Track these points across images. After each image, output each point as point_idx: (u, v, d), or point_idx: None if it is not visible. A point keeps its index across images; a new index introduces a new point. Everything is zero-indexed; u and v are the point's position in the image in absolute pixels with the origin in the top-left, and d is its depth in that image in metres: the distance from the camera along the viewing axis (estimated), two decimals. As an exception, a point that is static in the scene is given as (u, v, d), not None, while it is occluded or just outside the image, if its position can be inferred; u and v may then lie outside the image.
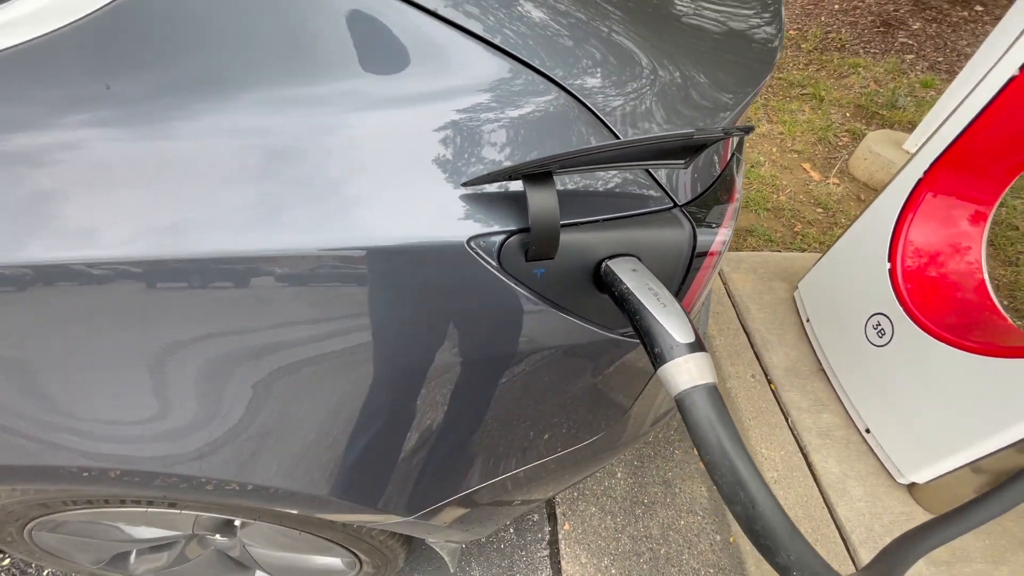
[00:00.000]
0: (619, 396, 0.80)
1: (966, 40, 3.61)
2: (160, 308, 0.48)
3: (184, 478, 0.58)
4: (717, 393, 0.45)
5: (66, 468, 0.57)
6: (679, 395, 0.45)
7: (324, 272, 0.49)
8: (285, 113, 0.47)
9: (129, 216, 0.45)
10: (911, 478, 1.43)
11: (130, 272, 0.45)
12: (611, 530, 1.46)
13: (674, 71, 0.62)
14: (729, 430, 0.43)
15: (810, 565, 0.43)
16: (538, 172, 0.47)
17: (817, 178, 2.65)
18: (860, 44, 3.62)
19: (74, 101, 0.44)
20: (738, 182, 0.70)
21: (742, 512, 0.42)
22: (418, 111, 0.50)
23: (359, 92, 0.49)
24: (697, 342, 0.46)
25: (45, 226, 0.44)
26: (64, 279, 0.45)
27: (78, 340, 0.48)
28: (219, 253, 0.46)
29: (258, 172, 0.47)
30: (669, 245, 0.59)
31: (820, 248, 2.27)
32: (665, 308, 0.48)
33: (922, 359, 1.39)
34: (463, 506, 0.78)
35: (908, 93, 3.14)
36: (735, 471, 0.42)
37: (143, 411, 0.54)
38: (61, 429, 0.54)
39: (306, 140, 0.47)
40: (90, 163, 0.44)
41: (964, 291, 1.47)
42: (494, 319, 0.56)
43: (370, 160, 0.49)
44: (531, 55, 0.52)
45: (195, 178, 0.46)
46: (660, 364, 0.46)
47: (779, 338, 1.83)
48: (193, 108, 0.46)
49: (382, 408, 0.59)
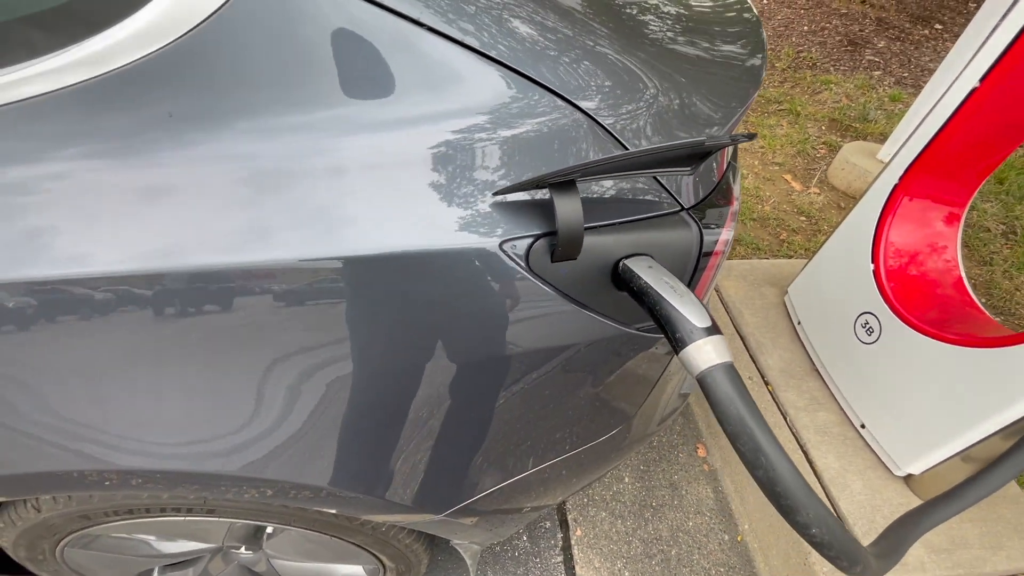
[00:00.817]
0: (633, 392, 0.85)
1: (928, 56, 3.82)
2: (205, 311, 0.52)
3: (244, 480, 0.61)
4: (734, 370, 0.50)
5: (118, 471, 0.60)
6: (700, 374, 0.50)
7: (368, 276, 0.53)
8: (322, 129, 0.52)
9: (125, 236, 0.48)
10: (907, 470, 1.48)
11: (167, 276, 0.49)
12: (622, 534, 1.48)
13: (673, 90, 0.69)
14: (748, 403, 0.48)
15: (827, 521, 0.48)
16: (563, 180, 0.53)
17: (799, 188, 2.77)
18: (830, 62, 3.81)
19: (69, 137, 0.47)
20: (736, 187, 0.76)
21: (764, 476, 0.47)
22: (442, 128, 0.55)
23: (397, 114, 0.54)
24: (713, 326, 0.52)
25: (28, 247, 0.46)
26: (80, 290, 0.48)
27: (127, 345, 0.52)
28: (260, 261, 0.50)
29: (303, 181, 0.51)
30: (678, 245, 0.64)
31: (806, 254, 2.36)
32: (682, 297, 0.54)
33: (909, 354, 1.46)
34: (488, 504, 0.82)
35: (878, 106, 3.31)
36: (755, 439, 0.47)
37: (183, 417, 0.57)
38: (113, 434, 0.57)
39: (351, 157, 0.52)
40: (82, 191, 0.47)
41: (943, 287, 1.56)
42: (524, 318, 0.61)
43: (409, 174, 0.54)
44: (544, 77, 0.58)
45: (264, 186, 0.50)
46: (681, 347, 0.51)
47: (772, 341, 1.90)
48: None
49: (423, 408, 0.64)
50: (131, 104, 0.48)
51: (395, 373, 0.61)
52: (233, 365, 0.55)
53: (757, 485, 0.49)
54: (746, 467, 0.49)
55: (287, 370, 0.56)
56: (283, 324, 0.54)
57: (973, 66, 1.33)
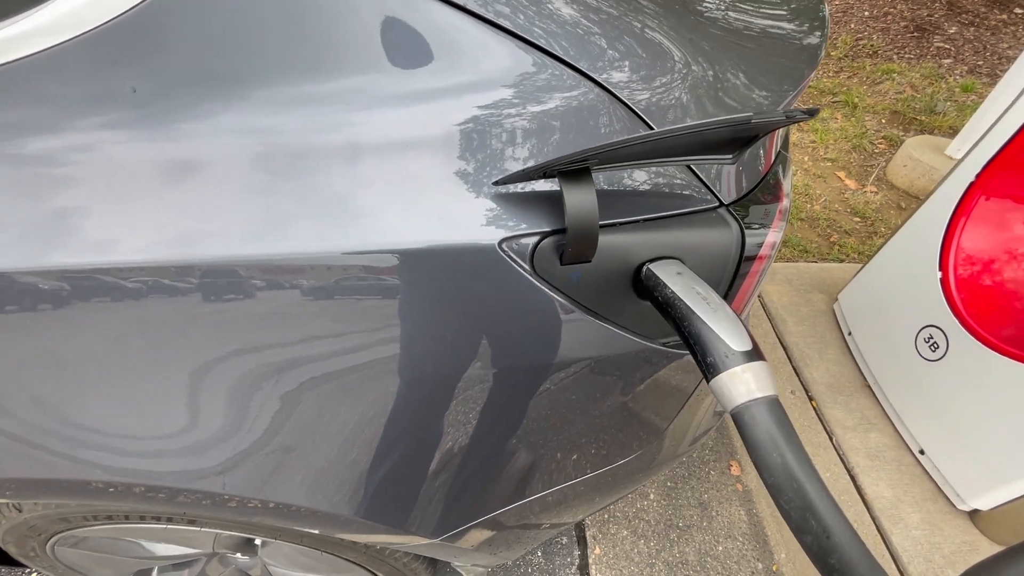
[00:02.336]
0: (657, 412, 0.75)
1: (1007, 43, 3.47)
2: (182, 319, 0.46)
3: (205, 494, 0.55)
4: (780, 407, 0.40)
5: (86, 482, 0.55)
6: (736, 409, 0.40)
7: (347, 280, 0.46)
8: (305, 111, 0.45)
9: (142, 222, 0.43)
10: (973, 504, 1.32)
11: (151, 281, 0.43)
12: (644, 555, 1.38)
13: (714, 69, 0.59)
14: (795, 448, 0.38)
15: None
16: (575, 168, 0.44)
17: (853, 186, 2.56)
18: (893, 50, 3.52)
19: (86, 103, 0.43)
20: (786, 182, 0.65)
21: (814, 543, 0.37)
22: (440, 107, 0.47)
23: (381, 88, 0.46)
24: (755, 350, 0.42)
25: (55, 230, 0.42)
26: (79, 286, 0.43)
27: (97, 351, 0.47)
28: (241, 259, 0.44)
29: (279, 175, 0.44)
30: (715, 247, 0.54)
31: (859, 258, 2.17)
32: (716, 313, 0.44)
33: (981, 374, 1.29)
34: (491, 528, 0.74)
35: (947, 98, 3.03)
36: (804, 495, 0.37)
37: (164, 426, 0.51)
38: (83, 443, 0.52)
39: (325, 139, 0.45)
40: (99, 166, 0.43)
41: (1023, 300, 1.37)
42: (526, 327, 0.53)
43: (394, 160, 0.46)
44: (558, 47, 0.49)
45: (211, 184, 0.44)
46: (713, 375, 0.42)
47: (819, 352, 1.74)
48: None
49: (409, 423, 0.56)
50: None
51: (382, 387, 0.53)
52: (202, 372, 0.49)
53: (804, 552, 0.39)
54: (791, 529, 0.39)
55: (260, 380, 0.50)
56: (261, 334, 0.47)
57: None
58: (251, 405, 0.51)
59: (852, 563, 0.36)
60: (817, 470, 0.38)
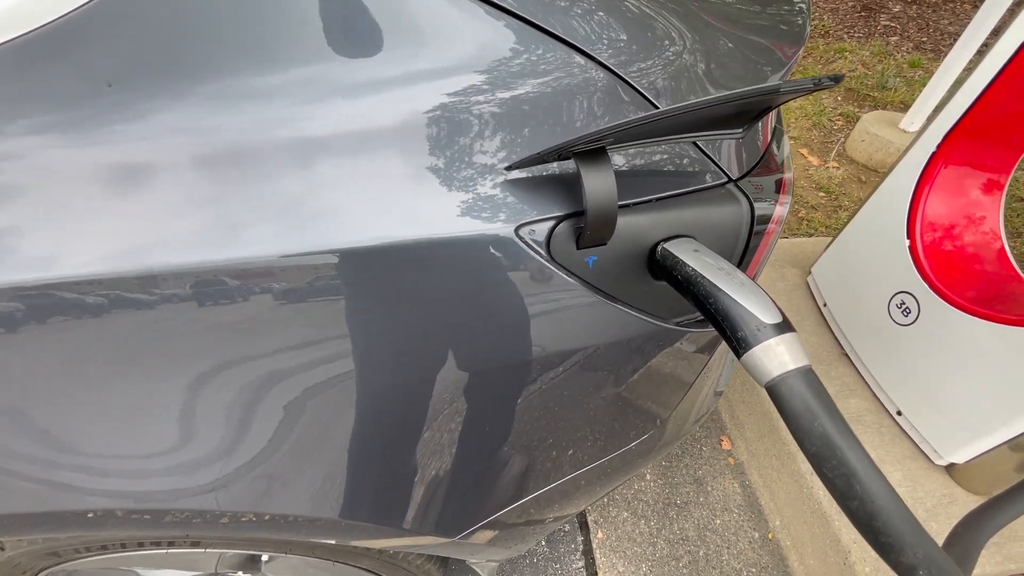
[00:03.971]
0: (666, 393, 0.75)
1: (947, 19, 3.64)
2: (162, 327, 0.42)
3: (215, 513, 0.52)
4: (815, 376, 0.40)
5: (73, 512, 0.51)
6: (771, 382, 0.40)
7: (350, 274, 0.44)
8: (313, 101, 0.42)
9: (81, 234, 0.39)
10: (949, 459, 1.39)
11: (108, 294, 0.39)
12: (646, 535, 1.40)
13: (707, 49, 0.58)
14: (834, 416, 0.39)
15: (939, 563, 0.38)
16: (591, 148, 0.43)
17: (816, 162, 2.64)
18: (844, 29, 3.64)
19: (7, 105, 0.38)
20: (785, 154, 0.66)
21: (859, 508, 0.38)
22: (437, 91, 0.45)
23: (380, 74, 0.44)
24: (784, 322, 0.42)
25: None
26: (29, 304, 0.39)
27: (54, 371, 0.42)
28: (222, 263, 0.40)
29: (291, 164, 0.42)
30: (726, 222, 0.54)
31: (827, 232, 2.24)
32: (744, 288, 0.44)
33: (952, 335, 1.35)
34: (507, 522, 0.73)
35: (896, 74, 3.15)
36: (846, 462, 0.38)
37: (150, 444, 0.48)
38: (63, 469, 0.48)
39: (333, 129, 0.43)
40: (26, 174, 0.38)
41: (985, 262, 1.45)
42: (545, 314, 0.52)
43: (401, 146, 0.44)
44: (560, 28, 0.48)
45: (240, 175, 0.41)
46: (746, 350, 0.42)
47: (797, 324, 1.80)
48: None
49: (430, 422, 0.54)
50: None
51: (399, 384, 0.51)
52: (206, 380, 0.46)
53: (848, 519, 0.39)
54: (834, 497, 0.39)
55: (275, 388, 0.47)
56: (262, 337, 0.44)
57: (1020, 20, 1.21)
58: (252, 414, 0.48)
59: (896, 526, 0.37)
60: (856, 437, 0.39)
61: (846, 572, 1.26)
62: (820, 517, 1.34)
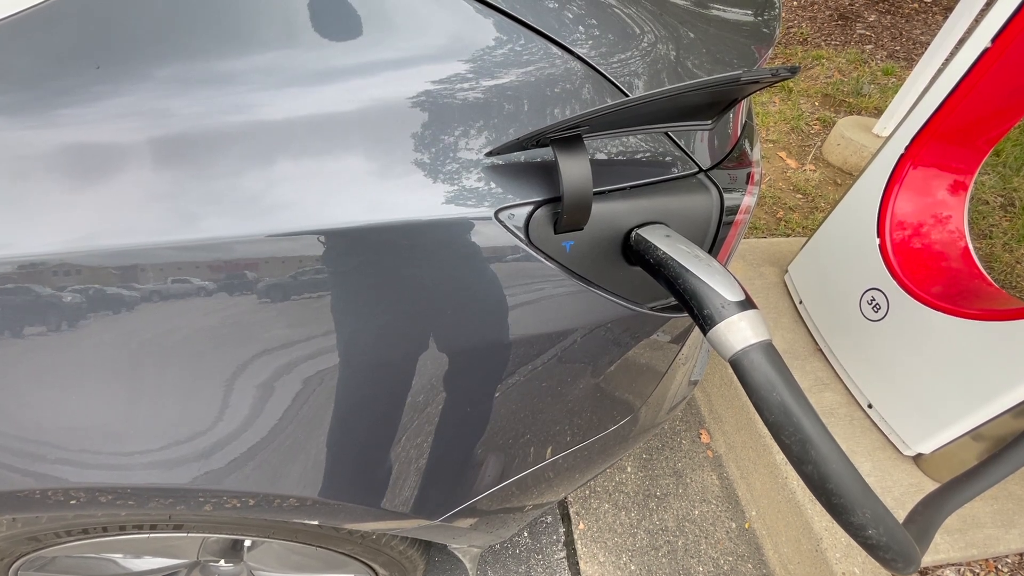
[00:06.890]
0: (641, 380, 0.78)
1: (920, 29, 3.76)
2: (139, 311, 0.43)
3: (205, 492, 0.53)
4: (774, 350, 0.43)
5: (55, 492, 0.51)
6: (734, 356, 0.43)
7: (332, 257, 0.45)
8: (287, 85, 0.44)
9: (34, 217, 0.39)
10: (916, 449, 1.44)
11: (116, 269, 0.41)
12: (626, 526, 1.43)
13: (679, 45, 0.61)
14: (792, 388, 0.41)
15: (885, 522, 0.41)
16: (568, 135, 0.45)
17: (794, 165, 2.71)
18: (821, 37, 3.74)
19: None
20: (756, 150, 0.69)
21: (813, 472, 0.40)
22: (415, 77, 0.46)
23: (368, 59, 0.46)
24: (747, 299, 0.44)
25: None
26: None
27: (42, 345, 0.43)
28: (219, 238, 0.42)
29: (279, 146, 0.43)
30: (697, 211, 0.57)
31: (804, 232, 2.31)
32: (709, 268, 0.46)
33: (918, 329, 1.41)
34: (489, 505, 0.75)
35: (871, 80, 3.25)
36: (802, 430, 0.40)
37: (135, 423, 0.48)
38: (44, 447, 0.48)
39: (298, 111, 0.44)
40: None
41: (951, 260, 1.51)
42: (523, 299, 0.54)
43: (383, 132, 0.45)
44: (533, 19, 0.50)
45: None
46: (710, 326, 0.44)
47: (774, 321, 1.84)
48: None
49: (412, 404, 0.56)
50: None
51: (380, 366, 0.53)
52: (198, 364, 0.47)
53: (805, 483, 0.42)
54: (791, 463, 0.42)
55: (261, 368, 0.48)
56: (253, 316, 0.45)
57: (983, 27, 1.27)
58: (241, 394, 0.49)
59: (848, 488, 0.40)
60: (812, 406, 0.41)
61: (818, 558, 1.30)
62: (794, 507, 1.38)
